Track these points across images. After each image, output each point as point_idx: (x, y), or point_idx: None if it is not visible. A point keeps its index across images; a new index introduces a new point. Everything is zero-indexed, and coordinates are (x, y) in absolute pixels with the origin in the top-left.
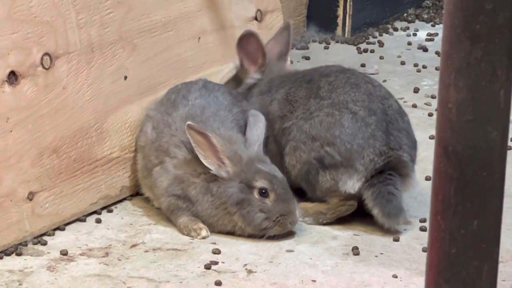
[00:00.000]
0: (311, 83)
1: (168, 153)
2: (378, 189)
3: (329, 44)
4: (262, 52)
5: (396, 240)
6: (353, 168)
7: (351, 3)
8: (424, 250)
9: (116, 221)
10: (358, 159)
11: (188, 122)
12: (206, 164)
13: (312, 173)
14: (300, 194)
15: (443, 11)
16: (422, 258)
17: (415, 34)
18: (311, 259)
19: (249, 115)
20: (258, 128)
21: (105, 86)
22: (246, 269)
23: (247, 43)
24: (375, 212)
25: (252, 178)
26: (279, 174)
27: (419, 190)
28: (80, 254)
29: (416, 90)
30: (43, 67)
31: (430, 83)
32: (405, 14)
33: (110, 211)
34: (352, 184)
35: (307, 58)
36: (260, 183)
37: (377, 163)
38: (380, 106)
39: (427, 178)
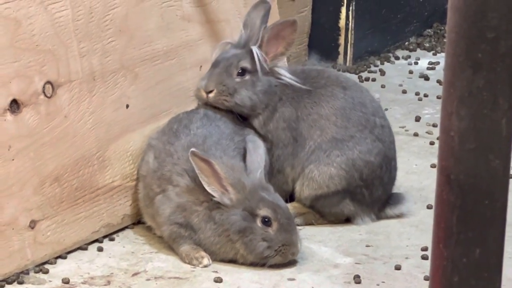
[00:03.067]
0: None
1: (170, 182)
2: None
3: None
4: (289, 43)
5: (398, 268)
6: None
7: (353, 31)
8: (426, 278)
9: (118, 249)
10: None
11: (192, 149)
12: (209, 191)
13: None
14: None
15: (444, 40)
16: (424, 287)
17: (416, 63)
18: (312, 287)
19: (247, 141)
20: (258, 155)
21: (107, 114)
22: None
23: (284, 28)
24: None
25: (256, 206)
26: (282, 203)
27: (420, 219)
28: (82, 283)
29: (417, 119)
30: (45, 95)
31: (432, 111)
32: (406, 43)
33: (112, 239)
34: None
35: None
36: (263, 212)
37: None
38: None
39: (429, 207)
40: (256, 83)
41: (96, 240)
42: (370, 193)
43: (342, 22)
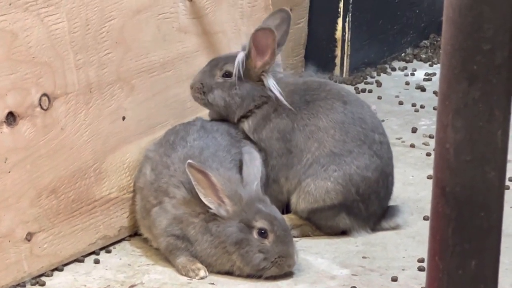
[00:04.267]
0: None
1: (167, 193)
2: None
3: None
4: (273, 51)
5: (395, 280)
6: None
7: (349, 43)
8: None
9: (114, 261)
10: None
11: (189, 161)
12: (206, 202)
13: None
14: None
15: (440, 51)
16: None
17: (413, 74)
18: None
19: (244, 153)
20: (254, 167)
21: (103, 126)
22: None
23: (264, 36)
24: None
25: (252, 218)
26: (279, 215)
27: (417, 230)
28: None
29: (414, 130)
30: (42, 107)
31: (428, 123)
32: (403, 54)
33: (109, 251)
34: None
35: None
36: (260, 223)
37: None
38: None
39: (425, 218)
40: (235, 87)
41: (93, 252)
42: (366, 207)
43: (338, 34)
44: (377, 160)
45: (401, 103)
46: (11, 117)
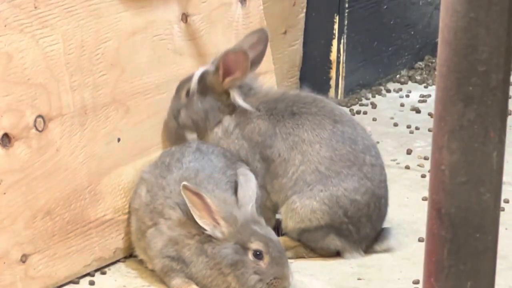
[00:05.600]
0: None
1: (162, 215)
2: None
3: None
4: (245, 70)
5: None
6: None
7: (344, 64)
8: None
9: (109, 283)
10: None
11: (184, 183)
12: (201, 224)
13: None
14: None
15: (435, 73)
16: None
17: (408, 96)
18: None
19: (239, 175)
20: (249, 188)
21: (98, 148)
22: None
23: (236, 58)
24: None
25: (248, 240)
26: (274, 237)
27: (412, 252)
28: None
29: (409, 152)
30: (37, 129)
31: (423, 144)
32: (397, 76)
33: (104, 273)
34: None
35: None
36: (255, 245)
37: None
38: None
39: (420, 240)
40: (197, 102)
41: (88, 274)
42: (357, 230)
43: (333, 55)
44: (367, 182)
45: (396, 124)
46: (6, 139)
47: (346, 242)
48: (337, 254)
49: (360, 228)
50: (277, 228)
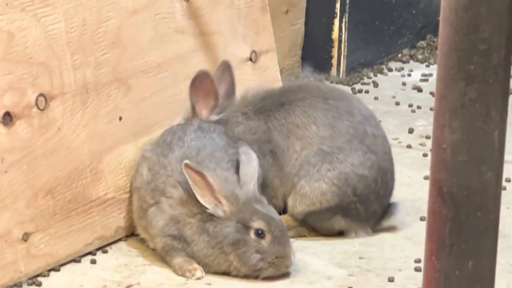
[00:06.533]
0: None
1: (164, 193)
2: None
3: None
4: (215, 93)
5: (391, 280)
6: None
7: (346, 43)
8: None
9: (111, 261)
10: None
11: (186, 161)
12: (203, 203)
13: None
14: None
15: (437, 52)
16: None
17: (409, 75)
18: None
19: (241, 153)
20: (251, 167)
21: (100, 127)
22: None
23: (201, 83)
24: None
25: (249, 219)
26: (276, 215)
27: (414, 231)
28: None
29: (410, 131)
30: (38, 108)
31: (425, 123)
32: (399, 55)
33: (105, 251)
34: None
35: None
36: (257, 224)
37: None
38: None
39: (422, 219)
40: None
41: (90, 253)
42: (365, 208)
43: (335, 34)
44: (372, 156)
45: (397, 103)
46: (8, 117)
47: (353, 221)
48: (339, 233)
49: (368, 206)
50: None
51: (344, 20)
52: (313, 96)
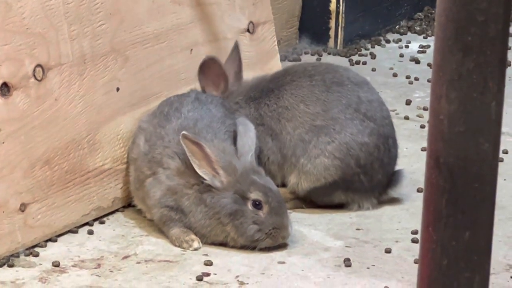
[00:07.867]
0: None
1: (161, 164)
2: None
3: (321, 56)
4: (224, 76)
5: (388, 251)
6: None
7: (343, 15)
8: (415, 261)
9: (108, 232)
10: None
11: (183, 132)
12: (200, 173)
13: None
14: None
15: (435, 23)
16: (414, 270)
17: (407, 46)
18: (303, 270)
19: (238, 124)
20: (249, 138)
21: (97, 97)
22: (238, 280)
23: (209, 69)
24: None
25: (247, 190)
26: (274, 186)
27: (410, 202)
28: (72, 266)
29: (408, 102)
30: (36, 78)
31: (422, 95)
32: (397, 26)
33: (102, 222)
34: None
35: None
36: (254, 195)
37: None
38: None
39: (419, 190)
40: None
41: (87, 223)
42: (369, 179)
43: (333, 6)
44: (370, 123)
45: (395, 75)
46: (5, 88)
47: (355, 194)
48: (338, 205)
49: (372, 176)
50: None
51: None
52: (299, 77)
